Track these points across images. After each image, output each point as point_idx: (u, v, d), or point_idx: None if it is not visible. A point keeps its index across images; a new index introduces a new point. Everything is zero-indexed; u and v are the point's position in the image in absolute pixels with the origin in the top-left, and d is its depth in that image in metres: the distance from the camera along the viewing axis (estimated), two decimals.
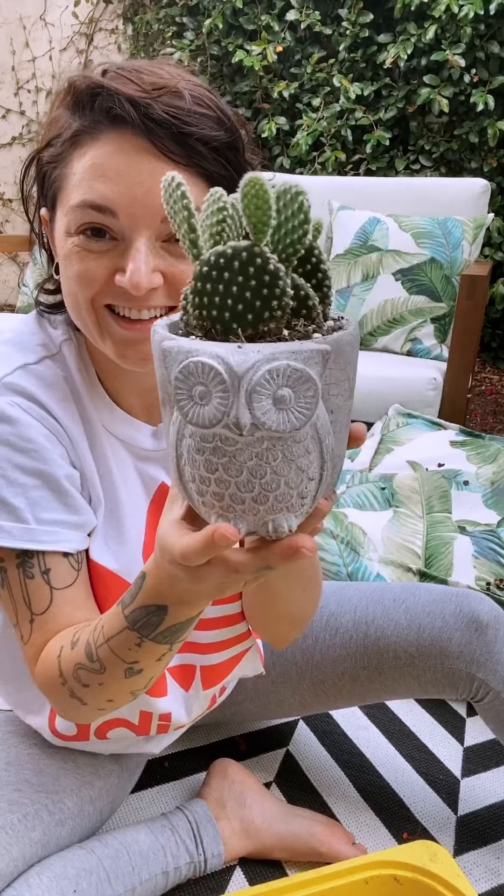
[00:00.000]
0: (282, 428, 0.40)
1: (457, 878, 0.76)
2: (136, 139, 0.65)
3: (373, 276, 2.24)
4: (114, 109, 0.64)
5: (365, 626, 0.99)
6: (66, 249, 0.69)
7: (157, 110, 0.64)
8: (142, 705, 0.85)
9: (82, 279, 0.68)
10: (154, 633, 0.60)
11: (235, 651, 0.92)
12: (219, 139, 0.68)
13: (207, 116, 0.67)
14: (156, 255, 0.67)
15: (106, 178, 0.65)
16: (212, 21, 3.12)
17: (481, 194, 2.32)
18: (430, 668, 0.95)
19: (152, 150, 0.65)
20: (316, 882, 0.76)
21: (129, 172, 0.65)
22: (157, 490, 0.83)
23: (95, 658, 0.66)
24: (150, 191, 0.65)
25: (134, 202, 0.65)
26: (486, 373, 3.24)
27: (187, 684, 0.90)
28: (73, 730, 0.87)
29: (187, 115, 0.65)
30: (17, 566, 0.74)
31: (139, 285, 0.65)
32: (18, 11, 3.95)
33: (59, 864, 0.83)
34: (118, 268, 0.67)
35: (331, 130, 3.05)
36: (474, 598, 0.97)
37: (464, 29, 2.67)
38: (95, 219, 0.66)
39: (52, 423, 0.75)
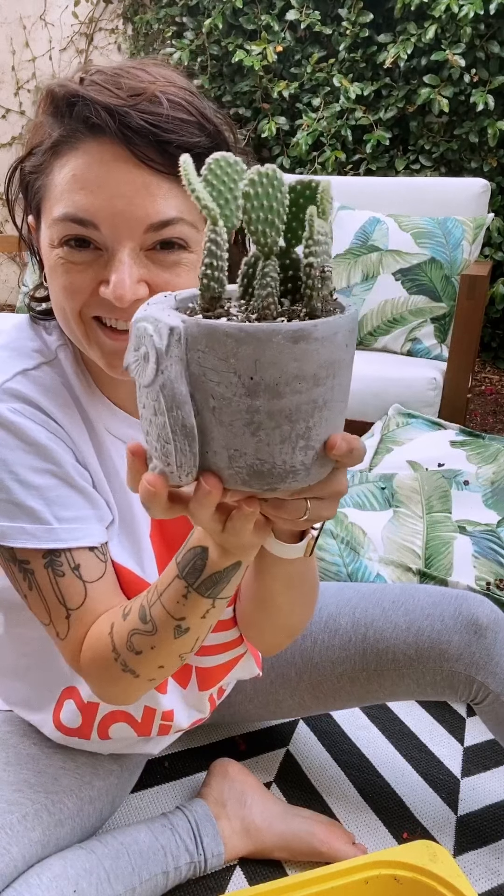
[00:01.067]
0: (133, 378, 0.47)
1: (457, 878, 0.76)
2: (115, 148, 0.64)
3: (373, 276, 2.24)
4: (91, 119, 0.63)
5: (364, 627, 0.98)
6: (52, 262, 0.68)
7: (134, 119, 0.63)
8: (146, 700, 0.86)
9: (68, 292, 0.68)
10: (197, 581, 0.62)
11: (229, 656, 0.92)
12: (201, 145, 0.66)
13: (187, 122, 0.66)
14: (140, 265, 0.66)
15: (86, 191, 0.64)
16: (212, 21, 3.12)
17: (481, 194, 2.32)
18: (430, 670, 0.95)
19: (132, 160, 0.64)
20: (316, 882, 0.76)
21: (109, 183, 0.64)
22: None
23: (149, 619, 0.67)
24: (132, 201, 0.64)
25: (115, 214, 0.64)
26: (486, 373, 3.24)
27: (184, 682, 0.91)
28: (77, 722, 0.87)
29: (166, 122, 0.64)
30: (45, 566, 0.74)
31: (123, 297, 0.64)
32: (18, 11, 3.95)
33: (58, 865, 0.83)
34: (102, 279, 0.66)
35: (331, 130, 3.05)
36: (473, 600, 0.97)
37: (464, 29, 2.67)
38: (77, 231, 0.65)
39: (55, 428, 0.75)
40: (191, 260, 0.68)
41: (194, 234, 0.67)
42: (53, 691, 0.88)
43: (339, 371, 0.45)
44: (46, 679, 0.88)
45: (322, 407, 0.45)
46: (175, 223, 0.65)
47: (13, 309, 4.15)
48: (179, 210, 0.66)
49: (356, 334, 0.46)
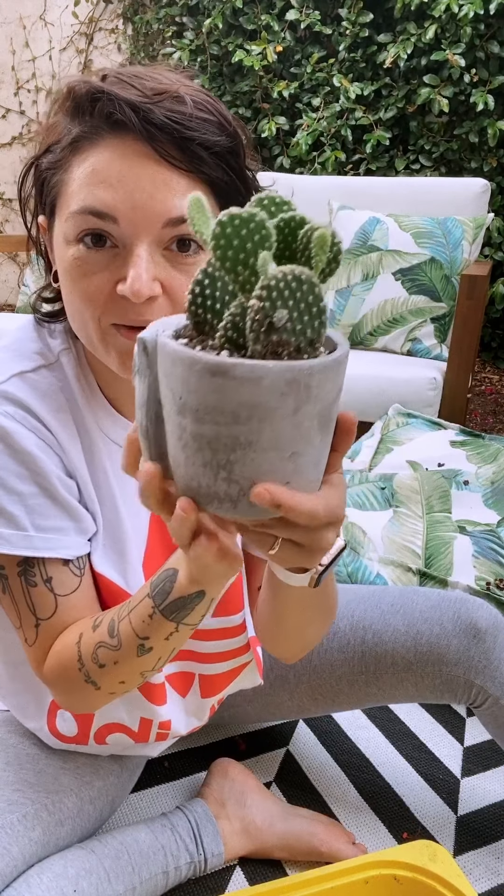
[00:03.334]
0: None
1: (457, 877, 0.76)
2: (137, 144, 0.64)
3: (373, 276, 2.24)
4: (114, 115, 0.64)
5: (362, 630, 0.98)
6: (67, 262, 0.68)
7: (157, 115, 0.64)
8: (142, 712, 0.86)
9: (85, 297, 0.67)
10: (164, 602, 0.64)
11: (235, 664, 0.92)
12: (220, 144, 0.67)
13: (209, 121, 0.66)
14: (156, 264, 0.66)
15: (106, 184, 0.64)
16: (212, 21, 3.12)
17: (481, 194, 2.32)
18: (428, 674, 0.95)
19: (153, 156, 0.64)
20: (316, 882, 0.76)
21: (129, 178, 0.64)
22: None
23: (116, 633, 0.69)
24: (152, 196, 0.64)
25: (135, 208, 0.64)
26: (486, 373, 3.24)
27: (185, 691, 0.91)
28: (73, 731, 0.87)
29: (189, 120, 0.65)
30: (19, 574, 0.75)
31: (140, 292, 0.64)
32: (18, 11, 3.95)
33: (59, 864, 0.83)
34: (119, 278, 0.66)
35: (331, 130, 3.05)
36: (472, 603, 0.97)
37: (464, 29, 2.67)
38: (96, 225, 0.65)
39: (45, 434, 0.75)
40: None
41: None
42: (43, 700, 0.88)
43: (267, 417, 0.44)
44: (36, 687, 0.88)
45: (246, 446, 0.45)
46: None
47: (13, 309, 4.14)
48: None
49: (309, 389, 0.44)
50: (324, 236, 0.44)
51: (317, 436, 0.47)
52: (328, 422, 0.48)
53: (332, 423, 0.48)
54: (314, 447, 0.47)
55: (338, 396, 0.48)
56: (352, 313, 2.26)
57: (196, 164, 0.66)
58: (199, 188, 0.66)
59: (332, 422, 0.48)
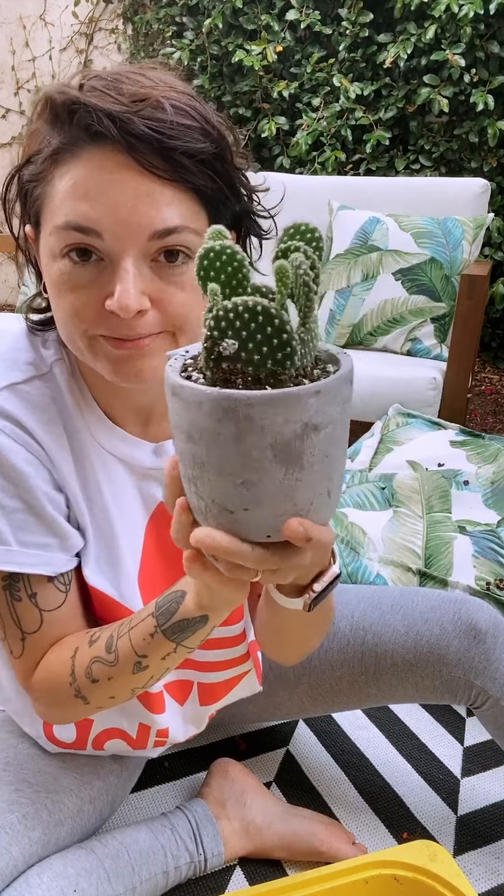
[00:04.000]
0: None
1: (457, 877, 0.76)
2: (118, 155, 0.62)
3: (373, 276, 2.23)
4: (93, 126, 0.62)
5: (362, 631, 0.98)
6: (54, 276, 0.66)
7: (137, 125, 0.61)
8: (141, 718, 0.86)
9: (73, 311, 0.66)
10: (168, 622, 0.65)
11: (234, 672, 0.92)
12: (205, 151, 0.64)
13: (191, 128, 0.64)
14: (144, 277, 0.64)
15: (88, 198, 0.62)
16: (212, 21, 3.12)
17: (481, 194, 2.32)
18: (428, 675, 0.95)
19: (135, 167, 0.62)
20: (316, 882, 0.76)
21: (112, 191, 0.62)
22: (157, 509, 0.82)
23: (113, 649, 0.69)
24: (135, 209, 0.62)
25: (119, 222, 0.62)
26: (486, 373, 3.24)
27: (183, 699, 0.91)
28: (71, 737, 0.88)
29: (170, 129, 0.62)
30: (4, 588, 0.75)
31: (128, 307, 0.62)
32: (18, 11, 3.95)
33: (59, 864, 0.83)
34: (107, 293, 0.64)
35: (331, 130, 3.05)
36: (473, 604, 0.97)
37: (464, 29, 2.67)
38: (80, 240, 0.63)
39: (34, 448, 0.74)
40: (191, 279, 0.66)
41: (198, 241, 0.65)
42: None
43: (212, 441, 0.46)
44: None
45: (201, 466, 0.48)
46: (179, 231, 0.64)
47: (13, 309, 4.14)
48: (183, 218, 0.64)
49: (251, 419, 0.45)
50: (281, 267, 0.45)
51: (277, 469, 0.47)
52: (293, 456, 0.46)
53: (304, 457, 0.47)
54: (275, 479, 0.47)
55: (307, 432, 0.46)
56: (352, 313, 2.26)
57: (180, 174, 0.64)
58: (184, 196, 0.65)
59: (303, 456, 0.47)
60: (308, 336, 0.48)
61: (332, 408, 0.47)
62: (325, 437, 0.47)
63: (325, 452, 0.48)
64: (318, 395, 0.45)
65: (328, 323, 2.30)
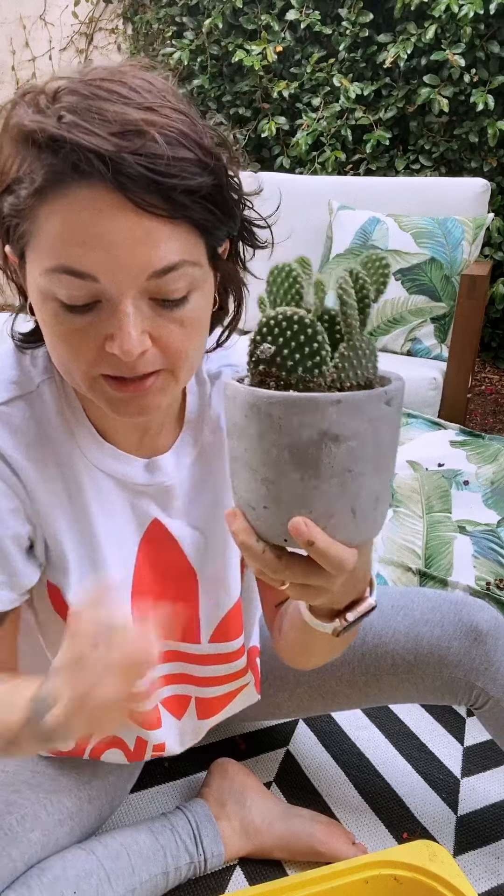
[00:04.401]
0: None
1: (457, 877, 0.76)
2: (110, 195, 0.57)
3: None
4: (81, 165, 0.56)
5: (363, 632, 0.98)
6: (47, 317, 0.62)
7: (131, 164, 0.56)
8: (138, 731, 0.86)
9: (71, 352, 0.62)
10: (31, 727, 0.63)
11: (233, 686, 0.92)
12: (204, 185, 0.59)
13: (188, 161, 0.58)
14: (143, 316, 0.61)
15: (82, 242, 0.58)
16: (212, 21, 3.12)
17: (481, 194, 2.32)
18: (429, 675, 0.95)
19: (130, 206, 0.57)
20: (316, 882, 0.76)
21: (106, 234, 0.57)
22: (150, 526, 0.80)
23: None
24: (133, 251, 0.58)
25: (116, 265, 0.58)
26: (486, 373, 3.23)
27: (180, 713, 0.90)
28: (69, 747, 0.88)
29: (166, 166, 0.57)
30: None
31: (131, 352, 0.59)
32: (18, 11, 3.95)
33: (59, 866, 0.83)
34: (106, 334, 0.61)
35: (331, 130, 3.05)
36: (473, 605, 0.97)
37: (464, 29, 2.66)
38: (76, 287, 0.59)
39: (6, 476, 0.71)
40: (190, 314, 0.63)
41: (199, 272, 0.63)
42: None
43: (240, 435, 0.51)
44: None
45: (235, 460, 0.53)
46: (178, 267, 0.60)
47: (13, 309, 4.14)
48: (182, 252, 0.60)
49: (270, 418, 0.49)
50: (318, 281, 0.51)
51: (294, 471, 0.49)
52: (309, 462, 0.48)
53: (321, 466, 0.49)
54: (292, 482, 0.50)
55: (325, 441, 0.48)
56: None
57: (179, 211, 0.59)
58: (181, 230, 0.60)
59: (320, 464, 0.49)
60: (353, 354, 0.50)
61: (357, 422, 0.48)
62: (347, 450, 0.48)
63: (346, 467, 0.49)
64: (339, 404, 0.47)
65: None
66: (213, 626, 0.86)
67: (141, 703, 0.82)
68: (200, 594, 0.84)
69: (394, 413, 0.50)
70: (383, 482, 0.52)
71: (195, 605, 0.84)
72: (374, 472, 0.50)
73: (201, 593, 0.84)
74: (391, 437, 0.51)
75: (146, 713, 0.84)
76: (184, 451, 0.80)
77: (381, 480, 0.51)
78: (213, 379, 0.81)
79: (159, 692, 0.87)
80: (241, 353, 0.79)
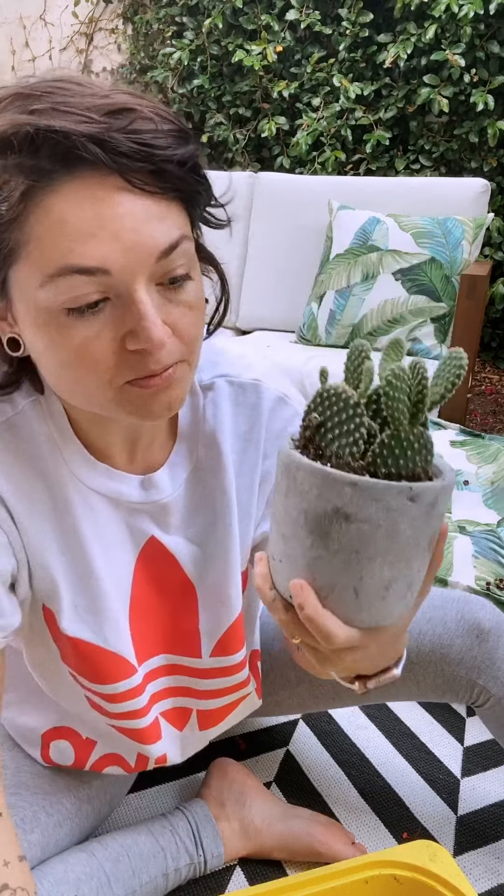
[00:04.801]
0: None
1: (457, 877, 0.76)
2: (106, 179, 0.55)
3: (373, 276, 2.23)
4: (73, 153, 0.54)
5: None
6: (52, 334, 0.58)
7: (124, 143, 0.54)
8: (139, 749, 0.86)
9: (90, 365, 0.58)
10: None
11: (235, 697, 0.91)
12: (189, 155, 0.58)
13: (173, 133, 0.57)
14: (157, 305, 0.59)
15: (86, 235, 0.55)
16: (212, 21, 3.12)
17: (481, 194, 2.32)
18: (430, 673, 0.95)
19: (126, 187, 0.56)
20: (316, 882, 0.76)
21: (110, 220, 0.55)
22: (146, 544, 0.78)
23: None
24: (138, 232, 0.56)
25: (125, 251, 0.56)
26: (486, 373, 3.24)
27: (181, 725, 0.90)
28: (68, 762, 0.89)
29: (157, 139, 0.56)
30: None
31: (161, 340, 0.57)
32: (18, 11, 3.95)
33: (59, 868, 0.83)
34: (123, 334, 0.58)
35: (331, 130, 3.05)
36: (476, 603, 0.97)
37: (464, 29, 2.66)
38: (84, 285, 0.56)
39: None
40: (194, 295, 0.62)
41: (192, 250, 0.62)
42: (34, 733, 0.89)
43: (275, 489, 0.55)
44: (29, 718, 0.89)
45: (271, 507, 0.57)
46: (180, 243, 0.59)
47: None
48: (180, 228, 0.59)
49: (295, 479, 0.52)
50: (366, 369, 0.54)
51: (306, 535, 0.52)
52: (320, 531, 0.51)
53: (330, 538, 0.51)
54: (303, 544, 0.52)
55: (338, 517, 0.50)
56: (352, 313, 2.26)
57: (171, 184, 0.58)
58: (171, 204, 0.59)
59: (329, 537, 0.51)
60: (395, 443, 0.51)
61: (372, 509, 0.49)
62: (357, 531, 0.50)
63: (354, 547, 0.50)
64: (355, 487, 0.49)
65: (328, 323, 2.30)
66: (215, 640, 0.84)
67: (142, 719, 0.82)
68: (200, 609, 0.83)
69: (419, 510, 0.50)
70: (399, 573, 0.52)
71: (195, 621, 0.83)
72: (386, 561, 0.51)
73: (201, 609, 0.83)
74: (412, 533, 0.50)
75: (145, 728, 0.84)
76: (179, 465, 0.77)
77: (396, 571, 0.52)
78: (206, 390, 0.77)
79: (159, 704, 0.86)
80: (233, 361, 0.79)
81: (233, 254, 2.62)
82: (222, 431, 0.77)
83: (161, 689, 0.86)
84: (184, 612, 0.83)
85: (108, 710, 0.81)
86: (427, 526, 0.51)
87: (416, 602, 0.56)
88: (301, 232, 2.51)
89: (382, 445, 0.51)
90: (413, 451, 0.51)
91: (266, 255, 2.58)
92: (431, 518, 0.51)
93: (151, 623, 0.81)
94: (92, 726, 0.87)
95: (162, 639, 0.83)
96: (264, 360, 0.82)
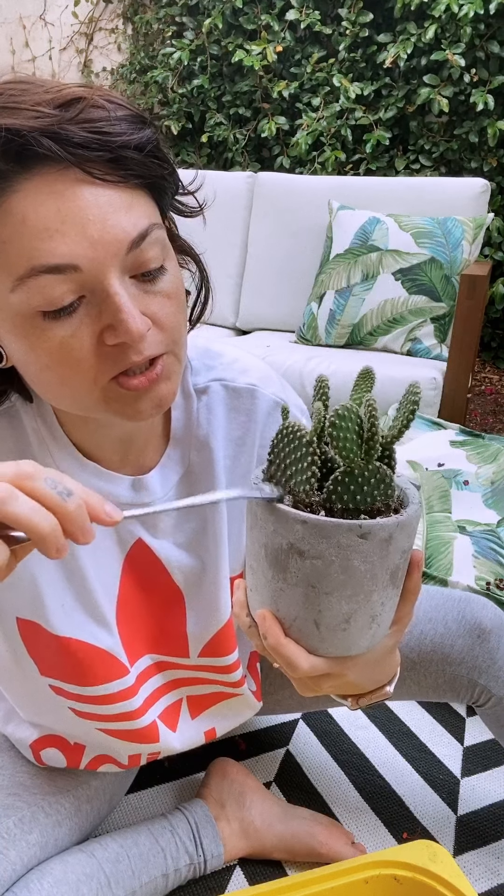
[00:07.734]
0: None
1: (457, 877, 0.76)
2: (65, 173, 0.53)
3: (373, 276, 2.23)
4: (27, 150, 0.52)
5: None
6: (28, 339, 0.57)
7: (77, 133, 0.53)
8: (131, 751, 0.86)
9: (71, 366, 0.57)
10: None
11: (224, 689, 0.91)
12: (147, 139, 0.57)
13: (128, 119, 0.56)
14: (133, 297, 0.57)
15: (50, 232, 0.53)
16: (212, 21, 3.12)
17: (481, 194, 2.32)
18: (431, 673, 0.95)
19: (86, 179, 0.54)
20: (316, 882, 0.76)
21: (73, 214, 0.54)
22: (133, 546, 0.77)
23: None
24: (104, 223, 0.54)
25: (93, 244, 0.54)
26: (486, 373, 3.23)
27: (174, 721, 0.90)
28: (61, 765, 0.89)
29: (111, 126, 0.54)
30: None
31: (139, 330, 0.56)
32: (18, 11, 3.95)
33: (59, 869, 0.83)
34: (100, 330, 0.57)
35: (331, 130, 3.05)
36: (477, 603, 0.97)
37: (464, 28, 2.66)
38: (56, 285, 0.54)
39: None
40: (172, 284, 0.60)
41: (164, 237, 0.60)
42: (26, 739, 0.88)
43: (245, 521, 0.58)
44: (14, 732, 0.89)
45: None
46: (150, 231, 0.57)
47: None
48: (148, 216, 0.58)
49: (255, 514, 0.54)
50: (316, 407, 0.54)
51: (268, 568, 0.53)
52: (279, 565, 0.52)
53: (288, 572, 0.52)
54: (266, 575, 0.54)
55: (292, 553, 0.51)
56: (352, 313, 2.26)
57: (133, 171, 0.56)
58: (136, 193, 0.58)
59: (287, 571, 0.52)
60: (349, 479, 0.51)
61: (323, 546, 0.50)
62: (311, 567, 0.51)
63: (309, 582, 0.51)
64: (305, 525, 0.50)
65: (328, 323, 2.30)
66: (203, 643, 0.84)
67: (138, 720, 0.82)
68: (188, 613, 0.82)
69: (372, 546, 0.50)
70: (358, 605, 0.52)
71: (182, 624, 0.83)
72: (343, 596, 0.52)
73: (189, 612, 0.82)
74: (367, 568, 0.51)
75: (144, 729, 0.83)
76: (170, 468, 0.76)
77: (355, 604, 0.52)
78: (200, 394, 0.76)
79: (157, 706, 0.86)
80: (228, 365, 0.78)
81: (233, 254, 2.62)
82: (215, 436, 0.76)
83: (155, 689, 0.86)
84: (171, 615, 0.82)
85: (99, 713, 0.80)
86: (384, 561, 0.51)
87: (395, 630, 0.57)
88: (301, 232, 2.51)
89: (336, 482, 0.51)
90: (370, 486, 0.51)
91: (266, 255, 2.58)
92: (388, 553, 0.51)
93: (138, 624, 0.81)
94: (78, 734, 0.86)
95: (148, 639, 0.83)
96: (261, 364, 0.81)
